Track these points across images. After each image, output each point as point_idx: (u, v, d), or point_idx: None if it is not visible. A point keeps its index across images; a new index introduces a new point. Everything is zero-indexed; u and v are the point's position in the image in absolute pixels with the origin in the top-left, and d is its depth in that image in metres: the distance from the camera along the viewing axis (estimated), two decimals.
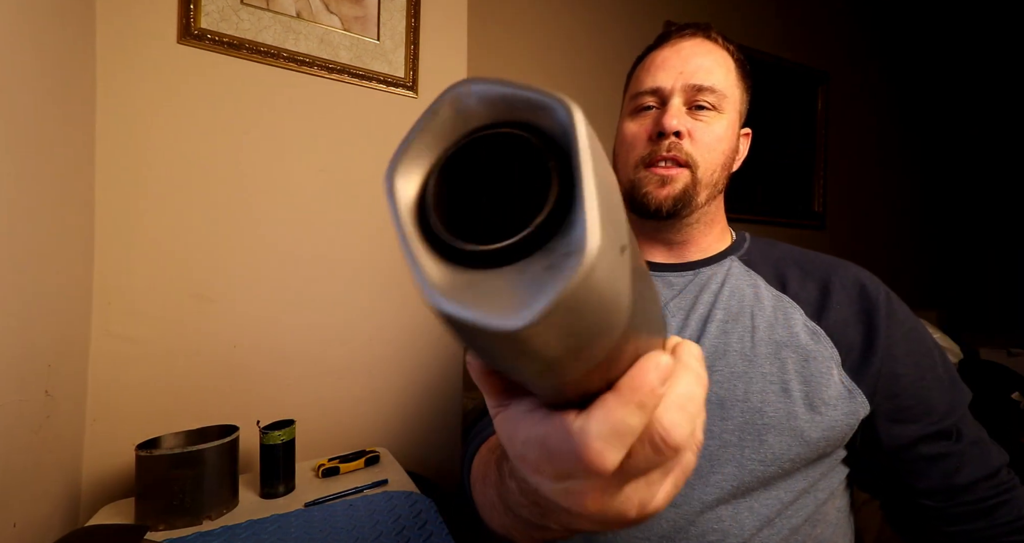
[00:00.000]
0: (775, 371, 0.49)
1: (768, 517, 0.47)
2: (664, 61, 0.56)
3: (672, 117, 0.53)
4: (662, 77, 0.55)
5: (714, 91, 0.54)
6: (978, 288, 2.73)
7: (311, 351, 0.92)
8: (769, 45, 1.98)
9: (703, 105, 0.55)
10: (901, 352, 0.50)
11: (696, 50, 0.56)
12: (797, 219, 2.09)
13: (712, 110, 0.55)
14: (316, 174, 0.93)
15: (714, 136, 0.55)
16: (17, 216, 0.55)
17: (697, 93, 0.54)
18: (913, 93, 2.57)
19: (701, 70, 0.55)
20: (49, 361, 0.62)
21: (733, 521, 0.46)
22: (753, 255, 0.59)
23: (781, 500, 0.47)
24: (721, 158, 0.56)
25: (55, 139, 0.64)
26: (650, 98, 0.56)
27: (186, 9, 0.81)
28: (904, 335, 0.51)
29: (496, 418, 0.18)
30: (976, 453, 0.48)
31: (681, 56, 0.56)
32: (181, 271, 0.81)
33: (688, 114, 0.55)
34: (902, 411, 0.48)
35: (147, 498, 0.64)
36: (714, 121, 0.55)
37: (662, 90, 0.55)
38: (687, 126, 0.54)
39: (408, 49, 1.00)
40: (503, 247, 0.13)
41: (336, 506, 0.69)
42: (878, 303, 0.52)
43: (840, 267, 0.56)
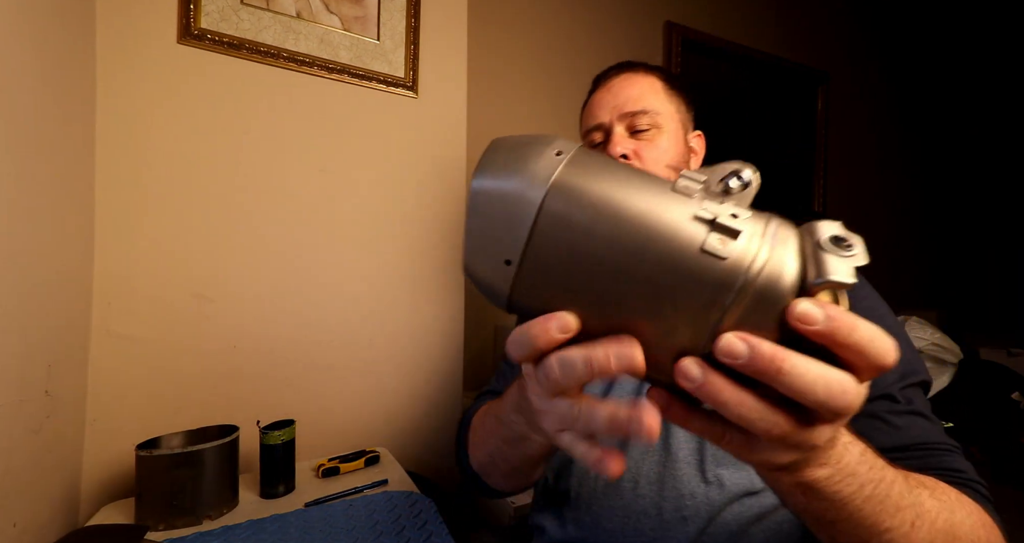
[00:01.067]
0: None
1: (735, 493, 0.50)
2: (600, 100, 0.65)
3: (616, 145, 0.61)
4: (601, 114, 0.64)
5: (647, 112, 0.62)
6: (978, 288, 2.73)
7: (311, 351, 0.92)
8: (769, 45, 1.98)
9: (641, 128, 0.62)
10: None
11: (623, 84, 0.65)
12: (797, 219, 2.09)
13: (651, 130, 0.62)
14: (316, 174, 0.93)
15: (659, 151, 0.62)
16: (17, 216, 0.55)
17: (633, 118, 0.62)
18: (913, 93, 2.57)
19: (631, 99, 0.63)
20: (49, 361, 0.62)
21: (701, 489, 0.50)
22: None
23: (749, 476, 0.51)
24: (672, 162, 0.63)
25: (55, 139, 0.64)
26: (597, 134, 0.65)
27: (186, 9, 0.81)
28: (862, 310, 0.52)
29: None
30: (912, 423, 0.47)
31: (611, 93, 0.65)
32: (181, 271, 0.81)
33: (631, 139, 0.63)
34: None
35: (147, 498, 0.64)
36: (656, 138, 0.62)
37: (603, 125, 0.64)
38: (631, 148, 0.61)
39: (408, 49, 1.00)
40: None
41: (336, 506, 0.69)
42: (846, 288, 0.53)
43: None
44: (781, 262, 0.20)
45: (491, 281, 0.23)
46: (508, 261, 0.22)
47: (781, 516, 0.50)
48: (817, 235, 0.21)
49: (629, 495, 0.53)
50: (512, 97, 1.42)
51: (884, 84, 2.43)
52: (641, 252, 0.20)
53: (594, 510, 0.54)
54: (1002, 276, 2.67)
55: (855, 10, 2.31)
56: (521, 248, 0.22)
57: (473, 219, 0.23)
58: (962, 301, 2.65)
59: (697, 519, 0.50)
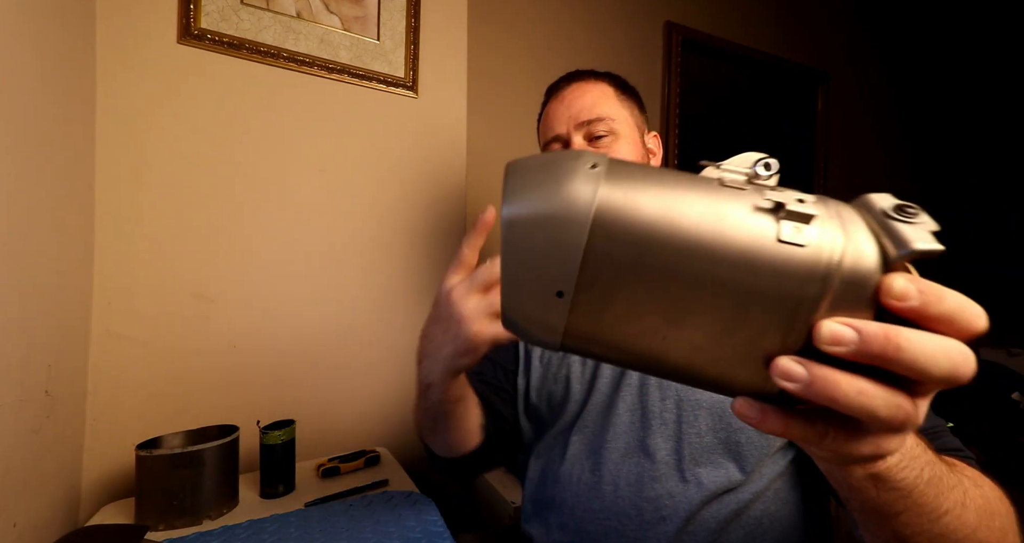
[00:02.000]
0: None
1: (712, 492, 0.51)
2: (554, 112, 0.67)
3: None
4: (557, 126, 0.66)
5: (602, 119, 0.64)
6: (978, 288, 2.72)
7: (311, 351, 0.92)
8: (769, 45, 1.98)
9: (599, 135, 0.64)
10: None
11: (575, 94, 0.66)
12: None
13: (608, 136, 0.64)
14: (316, 174, 0.93)
15: (619, 155, 0.62)
16: (17, 216, 0.55)
17: (589, 126, 0.64)
18: (913, 93, 2.57)
19: (584, 109, 0.64)
20: (49, 361, 0.62)
21: (680, 489, 0.51)
22: None
23: (730, 478, 0.51)
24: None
25: (55, 139, 0.64)
26: (555, 145, 0.66)
27: (186, 9, 0.81)
28: None
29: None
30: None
31: (564, 103, 0.66)
32: (181, 271, 0.81)
33: (590, 146, 0.64)
34: None
35: (147, 498, 0.64)
36: (613, 144, 0.64)
37: (561, 136, 0.65)
38: None
39: (408, 49, 1.00)
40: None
41: (336, 506, 0.69)
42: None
43: None
44: (860, 241, 0.19)
45: (542, 320, 0.20)
46: (561, 293, 0.20)
47: (759, 512, 0.51)
48: (877, 208, 0.20)
49: (609, 497, 0.54)
50: (512, 97, 1.42)
51: (884, 84, 2.43)
52: (714, 254, 0.18)
53: (577, 514, 0.55)
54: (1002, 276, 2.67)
55: (855, 10, 2.30)
56: (575, 275, 0.19)
57: (511, 254, 0.20)
58: None
59: (675, 518, 0.51)
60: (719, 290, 0.19)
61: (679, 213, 0.19)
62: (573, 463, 0.57)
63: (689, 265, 0.19)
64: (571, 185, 0.20)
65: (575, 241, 0.19)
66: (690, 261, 0.19)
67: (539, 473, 0.61)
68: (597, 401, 0.59)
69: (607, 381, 0.60)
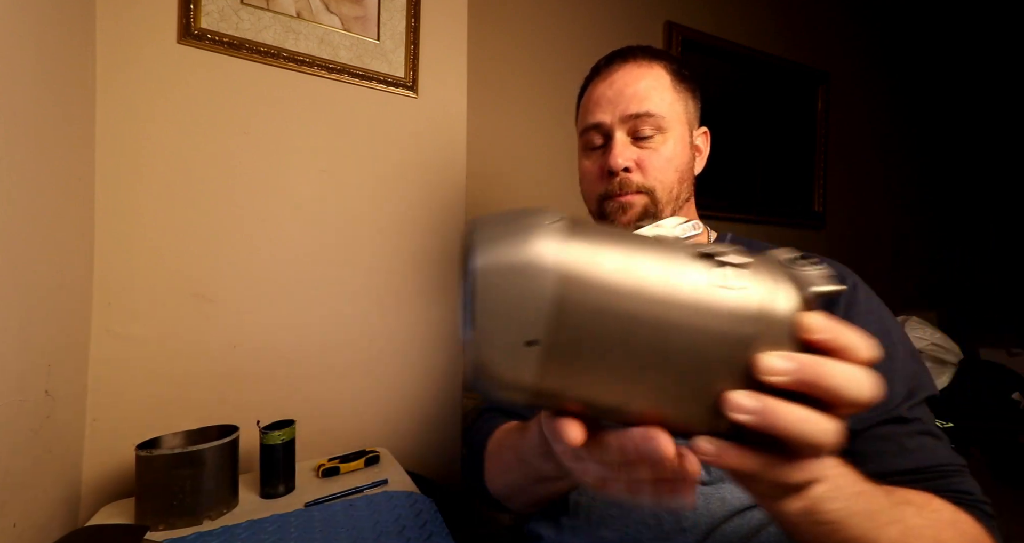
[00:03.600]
0: None
1: (736, 508, 0.49)
2: (600, 96, 0.59)
3: (617, 156, 0.55)
4: (600, 113, 0.58)
5: (651, 115, 0.56)
6: (978, 288, 2.73)
7: (311, 351, 0.92)
8: (769, 45, 1.98)
9: (645, 135, 0.57)
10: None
11: (627, 79, 0.58)
12: (797, 219, 2.09)
13: (655, 135, 0.57)
14: (316, 174, 0.93)
15: (663, 159, 0.57)
16: (17, 216, 0.55)
17: (636, 121, 0.56)
18: (913, 93, 2.56)
19: (635, 98, 0.56)
20: (49, 361, 0.62)
21: (702, 503, 0.49)
22: None
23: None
24: (676, 175, 0.58)
25: (55, 139, 0.64)
26: (595, 135, 0.59)
27: (186, 9, 0.81)
28: (864, 323, 0.49)
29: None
30: (923, 445, 0.46)
31: (614, 89, 0.58)
32: (181, 271, 0.81)
33: (635, 144, 0.57)
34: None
35: (147, 498, 0.64)
36: (660, 145, 0.57)
37: (603, 125, 0.58)
38: (634, 159, 0.56)
39: (408, 49, 1.00)
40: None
41: (336, 506, 0.69)
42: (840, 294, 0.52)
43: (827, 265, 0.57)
44: (783, 285, 0.22)
45: (512, 370, 0.21)
46: (531, 342, 0.20)
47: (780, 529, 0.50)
48: (784, 258, 0.24)
49: (628, 504, 0.51)
50: (512, 97, 1.42)
51: (884, 84, 2.43)
52: (668, 300, 0.21)
53: (593, 519, 0.53)
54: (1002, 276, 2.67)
55: (855, 10, 2.30)
56: (545, 323, 0.20)
57: (482, 304, 0.20)
58: (962, 301, 2.65)
59: (696, 531, 0.49)
60: (675, 332, 0.21)
61: (635, 264, 0.21)
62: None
63: (649, 310, 0.20)
64: (537, 238, 0.21)
65: (545, 290, 0.20)
66: (649, 306, 0.21)
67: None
68: None
69: None
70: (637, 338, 0.21)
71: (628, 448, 0.23)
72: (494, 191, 1.38)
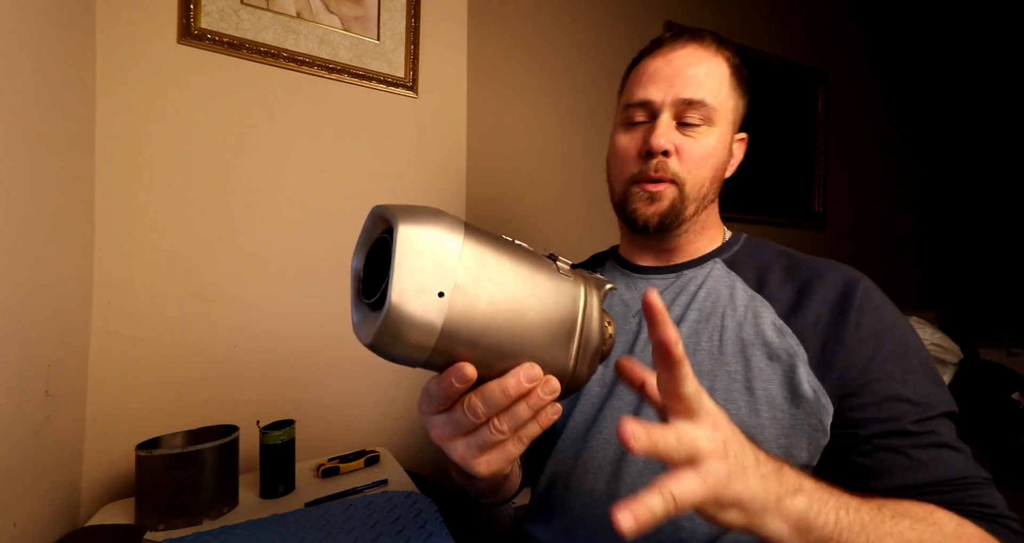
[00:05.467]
0: (740, 369, 0.49)
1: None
2: (656, 72, 0.55)
3: (660, 136, 0.53)
4: (653, 90, 0.55)
5: (704, 105, 0.53)
6: (978, 288, 2.73)
7: (311, 351, 0.92)
8: (769, 45, 1.98)
9: (692, 123, 0.54)
10: (871, 348, 0.46)
11: (689, 60, 0.55)
12: (797, 219, 2.09)
13: (702, 125, 0.54)
14: (316, 174, 0.93)
15: (703, 152, 0.54)
16: (17, 216, 0.55)
17: (687, 107, 0.54)
18: (914, 93, 2.56)
19: (692, 83, 0.53)
20: (49, 361, 0.62)
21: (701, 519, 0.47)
22: (740, 256, 0.59)
23: None
24: (710, 173, 0.56)
25: (55, 139, 0.64)
26: (640, 111, 0.56)
27: (186, 9, 0.81)
28: (876, 333, 0.47)
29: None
30: (938, 457, 0.43)
31: (672, 67, 0.54)
32: (181, 271, 0.81)
33: (678, 130, 0.55)
34: (866, 408, 0.45)
35: (147, 498, 0.64)
36: (703, 137, 0.54)
37: (652, 104, 0.55)
38: (675, 143, 0.54)
39: (408, 49, 1.00)
40: (373, 301, 0.28)
41: (336, 506, 0.69)
42: (854, 301, 0.49)
43: (832, 268, 0.53)
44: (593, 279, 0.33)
45: (423, 316, 0.25)
46: (442, 293, 0.25)
47: None
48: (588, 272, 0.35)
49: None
50: (512, 97, 1.42)
51: (884, 84, 2.43)
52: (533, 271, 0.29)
53: (588, 525, 0.52)
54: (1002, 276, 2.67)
55: (855, 10, 2.30)
56: (453, 279, 0.26)
57: (405, 259, 0.25)
58: (962, 301, 2.64)
59: (694, 541, 0.47)
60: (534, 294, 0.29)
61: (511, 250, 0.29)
62: (587, 471, 0.53)
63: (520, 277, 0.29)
64: (445, 217, 0.28)
65: (454, 251, 0.26)
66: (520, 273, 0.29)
67: (551, 474, 0.57)
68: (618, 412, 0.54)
69: (628, 393, 0.54)
70: (514, 300, 0.28)
71: (510, 384, 0.27)
72: (494, 191, 1.38)
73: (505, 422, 0.28)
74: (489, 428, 0.29)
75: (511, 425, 0.29)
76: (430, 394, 0.29)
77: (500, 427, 0.28)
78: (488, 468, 0.30)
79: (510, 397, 0.27)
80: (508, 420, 0.28)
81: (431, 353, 0.26)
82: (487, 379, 0.28)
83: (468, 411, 0.28)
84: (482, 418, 0.28)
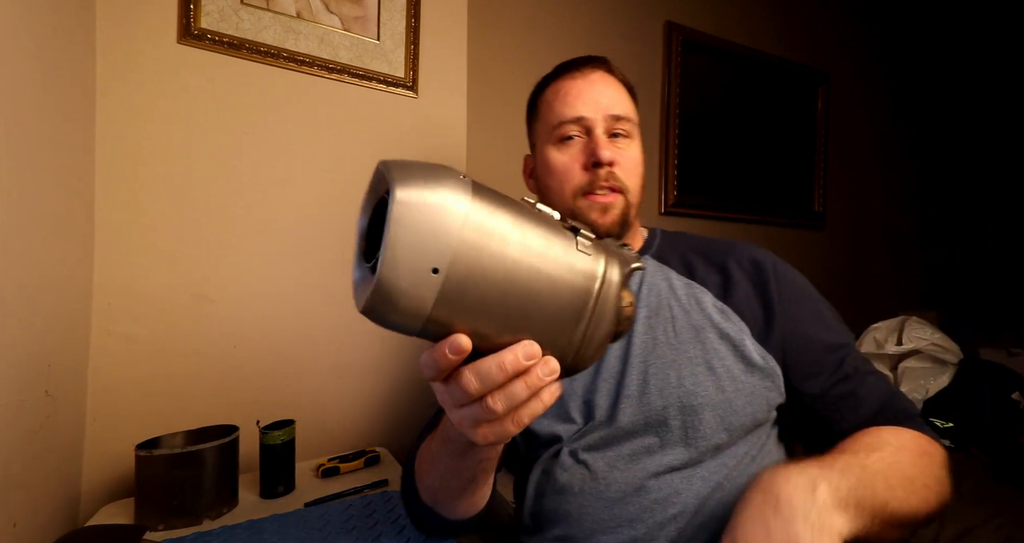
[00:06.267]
0: (699, 353, 0.54)
1: (718, 482, 0.51)
2: (580, 92, 0.60)
3: (604, 148, 0.58)
4: (582, 107, 0.59)
5: (628, 119, 0.61)
6: (978, 288, 2.73)
7: (311, 351, 0.92)
8: (769, 45, 1.98)
9: (619, 133, 0.60)
10: (796, 312, 0.56)
11: (606, 82, 0.61)
12: (797, 219, 2.09)
13: (626, 138, 0.61)
14: (316, 174, 0.93)
15: (634, 161, 0.61)
16: (17, 216, 0.55)
17: (615, 122, 0.60)
18: (913, 93, 2.56)
19: (615, 101, 0.60)
20: (49, 361, 0.62)
21: (686, 486, 0.51)
22: (664, 250, 0.65)
23: (727, 465, 0.52)
24: (640, 180, 0.62)
25: (55, 139, 0.64)
26: (574, 127, 0.60)
27: (186, 9, 0.81)
28: (795, 296, 0.57)
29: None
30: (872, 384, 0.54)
31: (595, 88, 0.60)
32: (181, 271, 0.81)
33: (611, 142, 0.60)
34: (809, 365, 0.55)
35: (147, 498, 0.64)
36: (631, 148, 0.61)
37: (585, 120, 0.59)
38: (614, 155, 0.59)
39: (408, 49, 1.00)
40: (372, 265, 0.25)
41: (336, 506, 0.69)
42: (767, 273, 0.58)
43: (735, 248, 0.62)
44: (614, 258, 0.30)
45: (416, 291, 0.23)
46: (436, 270, 0.23)
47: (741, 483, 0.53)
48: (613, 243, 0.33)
49: (618, 506, 0.52)
50: (512, 97, 1.42)
51: (884, 84, 2.43)
52: (546, 251, 0.27)
53: (586, 526, 0.53)
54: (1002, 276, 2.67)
55: (855, 10, 2.30)
56: (450, 254, 0.23)
57: (396, 229, 0.23)
58: (962, 301, 2.64)
59: (686, 513, 0.50)
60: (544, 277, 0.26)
61: (523, 221, 0.27)
62: (573, 474, 0.55)
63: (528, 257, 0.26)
64: (450, 182, 0.25)
65: (453, 226, 0.24)
66: (529, 254, 0.26)
67: (537, 486, 0.58)
68: (599, 416, 0.56)
69: (605, 396, 0.56)
70: (517, 276, 0.26)
71: (507, 360, 0.26)
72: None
73: (500, 401, 0.27)
74: (483, 406, 0.28)
75: (506, 405, 0.28)
76: (424, 363, 0.28)
77: (494, 406, 0.27)
78: (486, 439, 0.29)
79: (507, 373, 0.26)
80: (503, 399, 0.27)
81: (424, 324, 0.25)
82: (486, 353, 0.27)
83: (461, 385, 0.27)
84: (475, 394, 0.27)
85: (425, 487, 0.51)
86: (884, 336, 1.48)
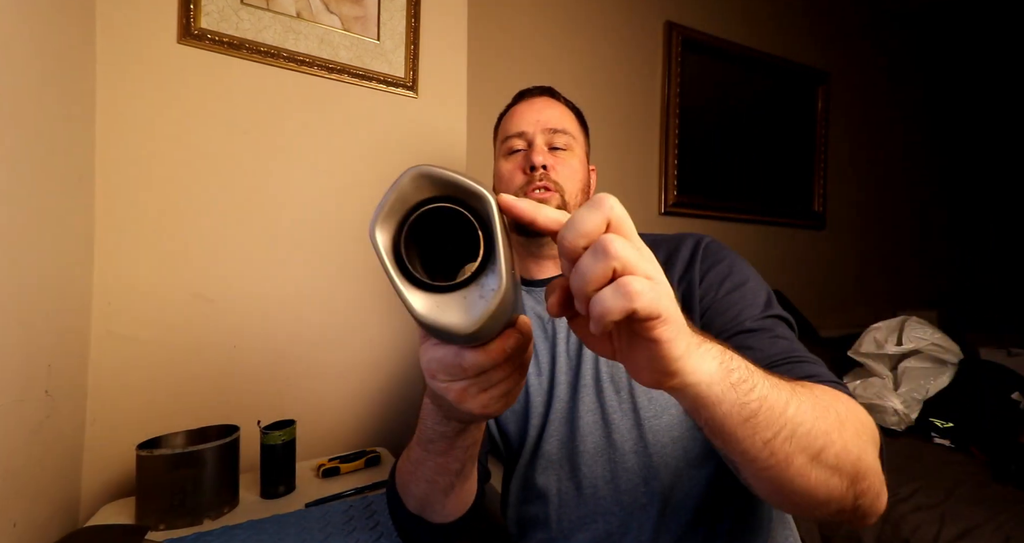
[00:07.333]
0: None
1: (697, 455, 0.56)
2: (523, 113, 0.71)
3: (538, 154, 0.66)
4: (524, 124, 0.70)
5: (566, 132, 0.69)
6: (978, 288, 2.73)
7: (311, 351, 0.92)
8: (769, 45, 1.98)
9: (558, 146, 0.69)
10: (712, 278, 0.58)
11: (546, 104, 0.72)
12: (797, 219, 2.09)
13: (567, 150, 0.69)
14: (316, 173, 0.93)
15: (572, 169, 0.68)
16: (17, 216, 0.55)
17: (553, 135, 0.69)
18: (913, 93, 2.57)
19: (553, 117, 0.70)
20: (49, 361, 0.62)
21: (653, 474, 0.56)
22: None
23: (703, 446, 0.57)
24: (580, 184, 0.69)
25: (55, 139, 0.64)
26: (518, 141, 0.70)
27: (186, 9, 0.81)
28: (714, 265, 0.59)
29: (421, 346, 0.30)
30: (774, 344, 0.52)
31: (535, 108, 0.71)
32: (181, 271, 0.81)
33: (550, 153, 0.68)
34: (723, 324, 0.55)
35: (147, 498, 0.64)
36: (569, 157, 0.69)
37: (526, 133, 0.69)
38: (550, 161, 0.67)
39: (408, 49, 1.00)
40: (458, 282, 0.24)
41: (336, 506, 0.69)
42: (699, 252, 0.61)
43: (689, 237, 0.65)
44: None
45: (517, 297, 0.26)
46: (513, 272, 0.25)
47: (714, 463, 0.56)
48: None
49: (591, 501, 0.57)
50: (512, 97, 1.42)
51: (884, 84, 2.43)
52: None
53: (564, 526, 0.58)
54: (1002, 276, 2.67)
55: (855, 10, 2.31)
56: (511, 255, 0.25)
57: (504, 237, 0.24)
58: (962, 301, 2.65)
59: (656, 501, 0.54)
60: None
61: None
62: (549, 474, 0.60)
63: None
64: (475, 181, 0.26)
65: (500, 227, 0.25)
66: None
67: (518, 492, 0.64)
68: (559, 408, 0.61)
69: (564, 388, 0.62)
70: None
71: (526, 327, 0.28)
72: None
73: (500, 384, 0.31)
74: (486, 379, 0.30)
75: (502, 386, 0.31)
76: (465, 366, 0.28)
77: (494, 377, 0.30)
78: (485, 408, 0.30)
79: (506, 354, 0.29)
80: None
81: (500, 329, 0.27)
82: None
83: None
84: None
85: (411, 496, 0.52)
86: (884, 336, 1.48)
